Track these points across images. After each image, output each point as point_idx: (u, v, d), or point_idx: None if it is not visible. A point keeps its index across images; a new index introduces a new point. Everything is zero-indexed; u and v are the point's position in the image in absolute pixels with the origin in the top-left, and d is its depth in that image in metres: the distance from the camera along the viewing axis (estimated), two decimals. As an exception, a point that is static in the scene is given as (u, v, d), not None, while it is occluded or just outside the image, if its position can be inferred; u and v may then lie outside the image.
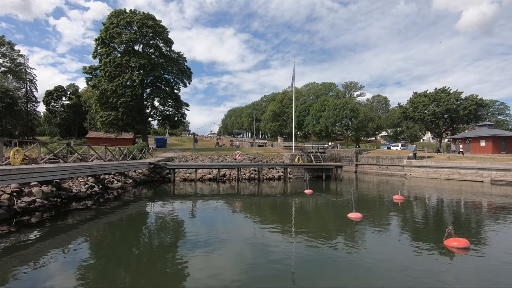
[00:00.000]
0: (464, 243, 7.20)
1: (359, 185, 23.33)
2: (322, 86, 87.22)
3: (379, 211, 13.01)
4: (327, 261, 6.50)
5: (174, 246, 7.62)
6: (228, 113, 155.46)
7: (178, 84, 38.86)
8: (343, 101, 61.45)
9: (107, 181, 17.95)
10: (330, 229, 9.72)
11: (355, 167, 37.83)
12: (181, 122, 41.31)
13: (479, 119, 50.72)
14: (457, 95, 50.69)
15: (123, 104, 33.03)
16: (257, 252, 7.06)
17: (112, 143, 43.15)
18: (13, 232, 8.33)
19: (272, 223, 10.48)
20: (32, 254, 6.65)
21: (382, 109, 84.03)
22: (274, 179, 25.32)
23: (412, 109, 54.57)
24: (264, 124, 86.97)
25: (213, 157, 29.03)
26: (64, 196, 12.96)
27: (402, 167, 31.10)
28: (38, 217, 10.18)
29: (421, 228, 9.81)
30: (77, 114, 63.12)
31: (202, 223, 10.35)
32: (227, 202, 14.57)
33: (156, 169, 23.41)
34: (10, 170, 9.64)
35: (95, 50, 34.63)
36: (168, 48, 37.49)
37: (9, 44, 47.85)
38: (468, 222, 10.72)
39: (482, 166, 24.12)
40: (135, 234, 9.05)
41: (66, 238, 8.04)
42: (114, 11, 35.33)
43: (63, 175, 12.66)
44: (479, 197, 16.61)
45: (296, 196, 16.77)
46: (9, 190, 10.95)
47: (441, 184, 23.31)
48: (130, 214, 11.68)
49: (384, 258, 6.72)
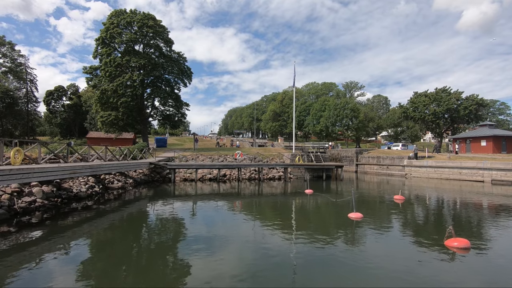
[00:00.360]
0: (465, 243, 7.19)
1: (360, 185, 23.31)
2: (323, 86, 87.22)
3: (379, 211, 13.00)
4: (328, 261, 6.49)
5: (175, 246, 7.62)
6: (229, 113, 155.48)
7: (179, 84, 38.87)
8: (344, 101, 61.42)
9: (108, 181, 17.95)
10: (330, 229, 9.71)
11: (355, 167, 37.81)
12: (182, 122, 41.31)
13: (480, 119, 50.66)
14: (458, 95, 50.64)
15: (124, 104, 33.05)
16: (257, 252, 7.05)
17: (113, 143, 43.16)
18: (14, 232, 8.33)
19: (272, 223, 10.47)
20: (32, 254, 6.65)
21: (383, 109, 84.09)
22: (274, 179, 25.31)
23: (412, 109, 54.54)
24: (264, 124, 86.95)
25: (213, 157, 29.03)
26: (64, 196, 12.96)
27: (402, 167, 31.08)
28: (38, 217, 10.18)
29: (421, 228, 9.80)
30: (77, 114, 63.19)
31: (202, 223, 10.34)
32: (228, 202, 14.57)
33: (156, 169, 23.41)
34: (10, 170, 9.64)
35: (96, 50, 34.64)
36: (168, 48, 37.51)
37: (10, 44, 47.92)
38: (469, 222, 10.71)
39: (483, 166, 24.10)
40: (136, 234, 9.05)
41: (66, 238, 8.04)
42: (115, 11, 35.34)
43: (63, 175, 12.66)
44: (480, 197, 16.59)
45: (297, 196, 16.75)
46: (9, 190, 10.95)
47: (441, 184, 23.29)
48: (131, 214, 11.68)
49: (384, 258, 6.71)
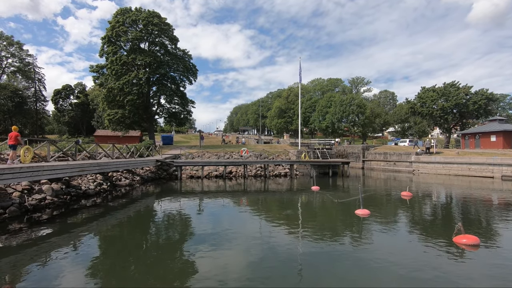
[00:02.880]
0: (474, 240, 7.09)
1: (366, 182, 23.14)
2: (328, 82, 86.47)
3: (387, 208, 12.89)
4: (335, 258, 6.47)
5: (182, 243, 7.69)
6: (234, 110, 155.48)
7: (184, 82, 38.99)
8: (350, 97, 60.83)
9: (115, 179, 18.16)
10: (337, 226, 9.67)
11: (362, 163, 37.54)
12: (187, 119, 41.52)
13: (490, 113, 49.60)
14: (467, 89, 49.69)
15: (130, 102, 33.32)
16: (264, 248, 7.07)
17: (120, 141, 43.51)
18: (25, 229, 8.50)
19: (279, 219, 10.47)
20: (43, 250, 6.79)
21: (389, 104, 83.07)
22: (280, 176, 25.28)
23: (420, 104, 53.72)
24: (270, 121, 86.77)
25: (219, 154, 29.12)
26: (73, 193, 13.16)
27: (410, 163, 30.73)
28: (48, 214, 10.37)
29: (429, 225, 9.70)
30: (84, 112, 63.94)
31: (209, 220, 10.40)
32: (234, 199, 14.62)
33: (163, 167, 23.59)
34: (21, 168, 9.83)
35: (102, 49, 34.95)
36: (173, 45, 37.61)
37: (18, 44, 48.54)
38: (478, 218, 10.55)
39: (493, 162, 23.68)
40: (144, 230, 9.15)
41: (76, 234, 8.18)
42: (120, 10, 35.52)
43: (72, 173, 12.85)
44: (489, 193, 16.32)
45: (303, 193, 16.72)
46: (20, 187, 11.18)
47: (450, 180, 22.98)
48: (138, 211, 11.81)
49: (392, 255, 6.66)
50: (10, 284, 5.11)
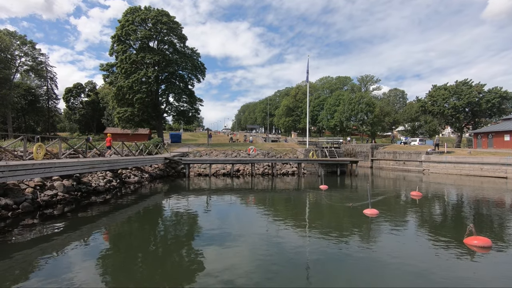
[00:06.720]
0: (486, 242, 6.94)
1: (375, 181, 22.88)
2: (337, 80, 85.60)
3: (396, 208, 12.71)
4: (343, 258, 6.43)
5: (190, 240, 7.75)
6: (242, 108, 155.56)
7: (192, 80, 39.23)
8: (359, 95, 60.08)
9: (125, 176, 18.42)
10: (345, 225, 9.59)
11: (370, 162, 37.12)
12: (195, 117, 41.77)
13: (503, 112, 48.32)
14: (480, 87, 48.52)
15: (139, 100, 33.69)
16: (271, 247, 7.07)
17: (129, 138, 44.08)
18: (37, 224, 8.71)
19: (286, 218, 10.46)
20: (54, 245, 6.94)
21: (399, 103, 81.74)
22: (288, 174, 25.23)
23: (431, 102, 52.75)
24: (277, 119, 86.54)
25: (227, 152, 29.22)
26: (84, 190, 13.41)
27: (420, 163, 30.23)
28: (60, 209, 10.60)
29: (440, 226, 9.53)
30: (95, 110, 65.05)
31: (216, 217, 10.46)
32: (241, 197, 14.66)
33: (171, 164, 23.81)
34: (33, 164, 10.06)
35: (112, 47, 35.40)
36: (182, 44, 37.83)
37: (31, 44, 49.53)
38: (490, 220, 10.31)
39: (506, 162, 23.10)
40: (152, 227, 9.27)
41: (86, 230, 8.34)
42: (129, 9, 35.88)
43: (82, 170, 13.09)
44: (502, 194, 15.93)
45: (311, 192, 16.64)
46: (32, 183, 11.45)
47: (461, 180, 22.52)
48: (147, 208, 11.96)
49: (401, 255, 6.58)
50: (23, 277, 5.24)
